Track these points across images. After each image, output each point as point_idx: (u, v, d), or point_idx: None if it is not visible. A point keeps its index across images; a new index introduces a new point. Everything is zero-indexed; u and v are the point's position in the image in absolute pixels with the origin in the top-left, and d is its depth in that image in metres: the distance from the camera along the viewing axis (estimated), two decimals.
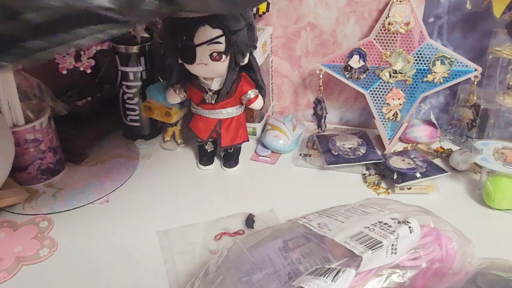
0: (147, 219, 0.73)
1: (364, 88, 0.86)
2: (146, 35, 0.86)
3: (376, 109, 0.87)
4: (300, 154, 0.88)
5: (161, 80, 0.89)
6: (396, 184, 0.77)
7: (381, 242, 0.45)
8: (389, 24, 0.80)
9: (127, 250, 0.67)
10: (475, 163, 0.79)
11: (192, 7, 0.42)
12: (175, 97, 0.81)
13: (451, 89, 0.90)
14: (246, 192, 0.79)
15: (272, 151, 0.89)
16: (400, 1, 0.79)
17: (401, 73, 0.83)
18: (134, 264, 0.65)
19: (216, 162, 0.87)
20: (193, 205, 0.76)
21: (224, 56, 0.73)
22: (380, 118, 0.87)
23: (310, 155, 0.88)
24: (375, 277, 0.43)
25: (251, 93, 0.79)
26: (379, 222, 0.48)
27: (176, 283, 0.61)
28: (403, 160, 0.81)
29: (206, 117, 0.81)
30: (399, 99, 0.85)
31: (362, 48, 0.83)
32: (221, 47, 0.72)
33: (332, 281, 0.41)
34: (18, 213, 0.75)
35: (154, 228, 0.71)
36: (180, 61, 0.76)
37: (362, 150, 0.84)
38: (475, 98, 0.82)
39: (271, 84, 0.98)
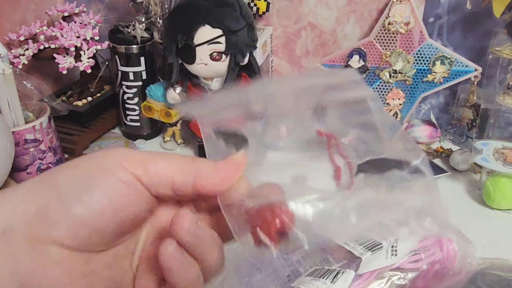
0: None
1: None
2: (146, 35, 0.86)
3: None
4: None
5: (161, 80, 0.89)
6: None
7: (380, 244, 0.45)
8: (389, 24, 0.80)
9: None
10: (475, 163, 0.79)
11: None
12: (175, 97, 0.80)
13: (451, 89, 0.90)
14: None
15: None
16: (400, 1, 0.79)
17: (401, 73, 0.83)
18: None
19: None
20: None
21: (224, 56, 0.73)
22: None
23: None
24: (376, 280, 0.43)
25: None
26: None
27: None
28: None
29: None
30: (399, 99, 0.85)
31: (362, 48, 0.83)
32: (221, 47, 0.72)
33: (331, 282, 0.41)
34: None
35: None
36: (180, 61, 0.76)
37: None
38: (475, 98, 0.82)
39: None
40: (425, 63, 0.81)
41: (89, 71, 0.87)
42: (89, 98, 0.94)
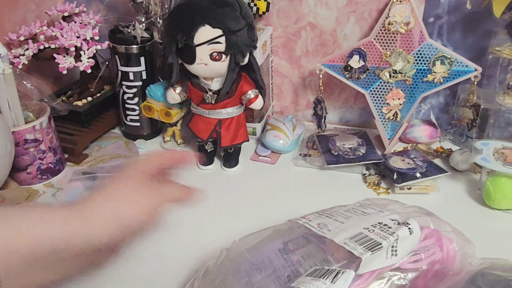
0: None
1: (364, 88, 0.86)
2: (146, 35, 0.86)
3: (376, 109, 0.87)
4: (300, 154, 0.88)
5: (161, 80, 0.89)
6: (396, 184, 0.77)
7: (380, 244, 0.45)
8: (389, 24, 0.80)
9: (126, 249, 0.67)
10: (475, 163, 0.79)
11: None
12: (175, 97, 0.80)
13: (451, 89, 0.90)
14: (246, 192, 0.79)
15: (272, 151, 0.89)
16: (400, 1, 0.79)
17: (401, 73, 0.83)
18: (132, 263, 0.65)
19: (216, 162, 0.87)
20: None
21: (224, 56, 0.73)
22: (380, 118, 0.87)
23: (310, 155, 0.88)
24: (376, 280, 0.43)
25: (251, 93, 0.79)
26: (378, 223, 0.48)
27: (175, 283, 0.61)
28: (403, 160, 0.81)
29: (206, 117, 0.81)
30: (399, 99, 0.85)
31: (362, 48, 0.83)
32: (221, 47, 0.72)
33: (331, 282, 0.41)
34: None
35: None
36: (180, 61, 0.76)
37: (362, 150, 0.84)
38: (475, 98, 0.82)
39: (271, 84, 0.98)
40: (425, 63, 0.81)
41: (89, 71, 0.87)
42: (89, 98, 0.94)
